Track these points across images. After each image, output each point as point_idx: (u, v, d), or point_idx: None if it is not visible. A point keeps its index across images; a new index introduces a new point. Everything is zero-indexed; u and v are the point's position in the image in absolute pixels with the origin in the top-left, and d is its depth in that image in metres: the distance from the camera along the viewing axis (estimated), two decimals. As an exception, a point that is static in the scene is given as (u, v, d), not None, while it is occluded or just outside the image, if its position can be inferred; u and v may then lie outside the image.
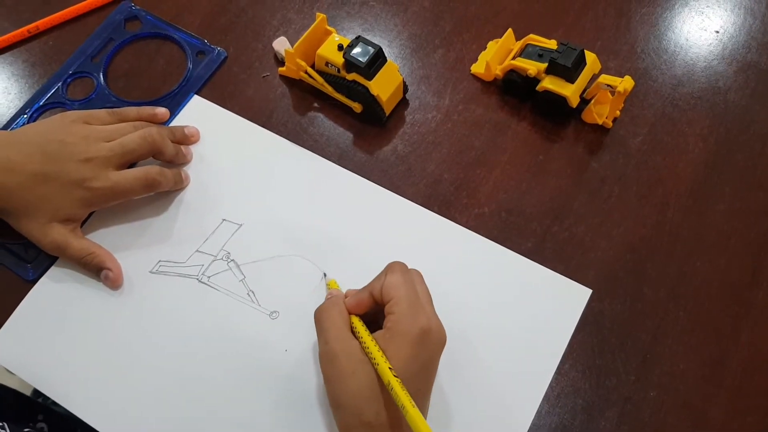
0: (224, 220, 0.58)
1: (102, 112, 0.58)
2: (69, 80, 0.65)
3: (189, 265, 0.56)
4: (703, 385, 0.52)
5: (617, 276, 0.55)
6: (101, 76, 0.64)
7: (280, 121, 0.62)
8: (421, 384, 0.45)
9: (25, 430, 0.55)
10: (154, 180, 0.56)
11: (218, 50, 0.65)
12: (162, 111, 0.61)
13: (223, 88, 0.64)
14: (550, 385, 0.51)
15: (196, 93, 0.64)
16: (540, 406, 0.51)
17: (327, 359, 0.45)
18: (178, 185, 0.59)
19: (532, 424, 0.50)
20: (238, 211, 0.58)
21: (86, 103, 0.63)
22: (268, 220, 0.58)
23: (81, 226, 0.57)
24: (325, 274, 0.55)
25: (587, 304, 0.54)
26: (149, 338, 0.53)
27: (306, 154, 0.60)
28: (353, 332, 0.46)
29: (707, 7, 0.68)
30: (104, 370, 0.52)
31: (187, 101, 0.63)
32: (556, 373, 0.52)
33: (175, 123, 0.62)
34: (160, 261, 0.56)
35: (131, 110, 0.60)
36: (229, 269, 0.55)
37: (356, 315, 0.48)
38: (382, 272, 0.48)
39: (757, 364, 0.52)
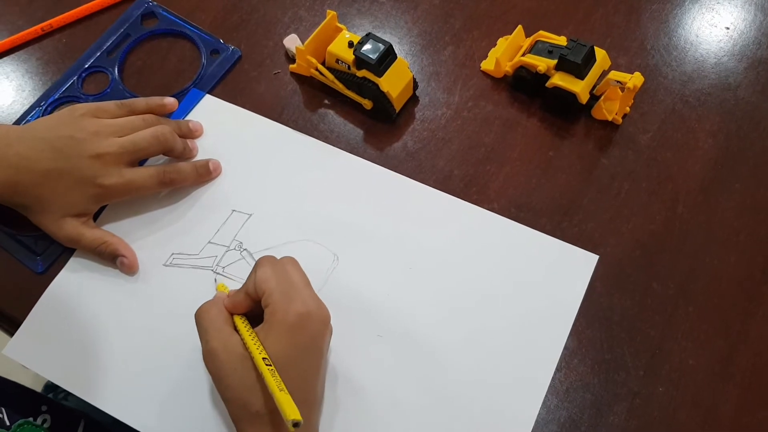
0: (234, 210, 0.58)
1: (111, 104, 0.59)
2: (84, 75, 0.65)
3: (203, 256, 0.56)
4: (712, 380, 0.52)
5: (626, 271, 0.55)
6: (116, 72, 0.65)
7: (290, 118, 0.63)
8: (306, 367, 0.46)
9: (22, 419, 0.55)
10: (171, 179, 0.57)
11: (232, 49, 0.66)
12: (170, 101, 0.62)
13: (234, 85, 0.65)
14: (558, 379, 0.52)
15: (210, 91, 0.64)
16: (549, 400, 0.51)
17: (209, 358, 0.45)
18: (203, 178, 0.59)
19: (541, 418, 0.50)
20: (248, 202, 0.59)
21: (100, 98, 0.64)
22: (277, 208, 0.58)
23: (94, 221, 0.57)
24: (336, 257, 0.56)
25: (596, 299, 0.54)
26: (167, 330, 0.54)
27: (312, 141, 0.61)
28: (236, 330, 0.47)
29: (717, 3, 0.68)
30: (125, 363, 0.53)
31: (198, 100, 0.63)
32: (564, 367, 0.52)
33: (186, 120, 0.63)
34: (173, 254, 0.57)
35: (140, 101, 0.60)
36: (243, 258, 0.56)
37: (238, 315, 0.48)
38: (252, 270, 0.48)
39: (767, 360, 0.52)
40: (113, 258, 0.55)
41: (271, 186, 0.59)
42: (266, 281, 0.46)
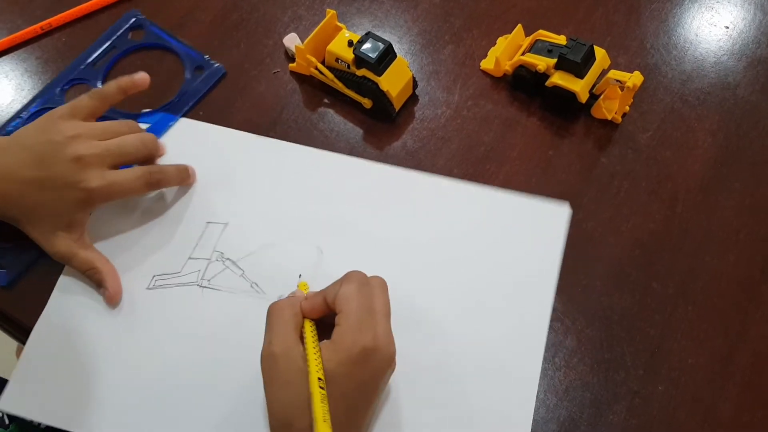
0: (208, 222, 0.58)
1: (83, 98, 0.56)
2: (67, 86, 0.64)
3: (185, 273, 0.56)
4: (712, 379, 0.52)
5: (626, 271, 0.55)
6: (99, 84, 0.64)
7: (290, 118, 0.63)
8: (358, 401, 0.44)
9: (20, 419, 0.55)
10: (158, 180, 0.56)
11: (216, 66, 0.65)
12: (141, 76, 0.58)
13: (234, 86, 0.65)
14: (558, 378, 0.52)
15: (193, 106, 0.63)
16: (548, 399, 0.51)
17: (269, 360, 0.44)
18: (185, 181, 0.58)
19: (540, 417, 0.50)
20: (221, 212, 0.58)
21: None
22: (252, 213, 0.58)
23: None
24: (321, 251, 0.56)
25: (596, 298, 0.54)
26: (162, 354, 0.52)
27: (281, 144, 0.61)
28: (302, 337, 0.45)
29: (717, 2, 0.68)
30: (122, 396, 0.51)
31: (172, 123, 0.62)
32: (564, 366, 0.52)
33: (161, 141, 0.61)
34: (155, 276, 0.55)
35: (110, 84, 0.57)
36: (227, 268, 0.56)
37: (311, 319, 0.46)
38: (339, 279, 0.47)
39: (767, 359, 0.52)
40: (99, 286, 0.54)
41: (239, 192, 0.59)
42: (347, 300, 0.44)
